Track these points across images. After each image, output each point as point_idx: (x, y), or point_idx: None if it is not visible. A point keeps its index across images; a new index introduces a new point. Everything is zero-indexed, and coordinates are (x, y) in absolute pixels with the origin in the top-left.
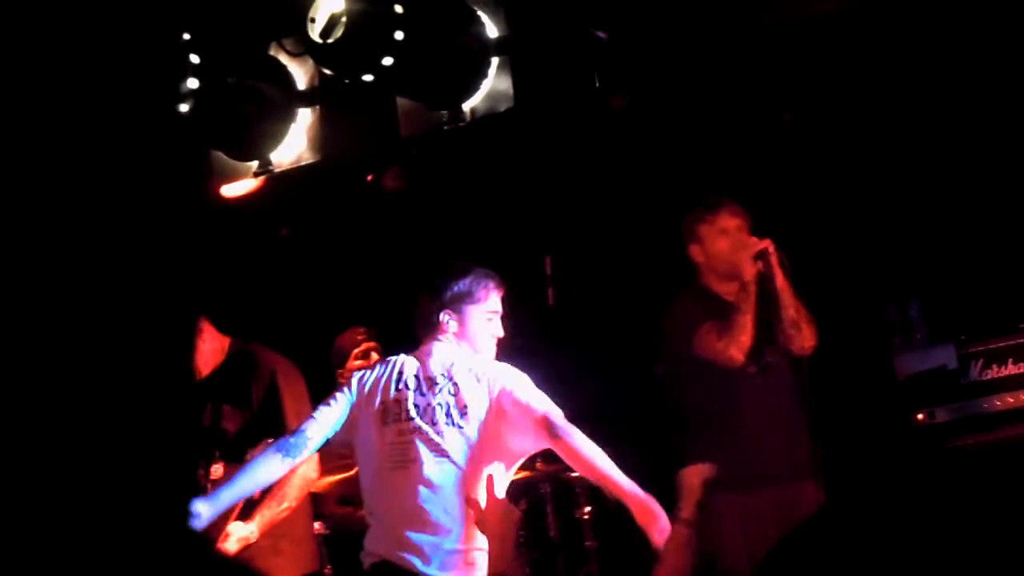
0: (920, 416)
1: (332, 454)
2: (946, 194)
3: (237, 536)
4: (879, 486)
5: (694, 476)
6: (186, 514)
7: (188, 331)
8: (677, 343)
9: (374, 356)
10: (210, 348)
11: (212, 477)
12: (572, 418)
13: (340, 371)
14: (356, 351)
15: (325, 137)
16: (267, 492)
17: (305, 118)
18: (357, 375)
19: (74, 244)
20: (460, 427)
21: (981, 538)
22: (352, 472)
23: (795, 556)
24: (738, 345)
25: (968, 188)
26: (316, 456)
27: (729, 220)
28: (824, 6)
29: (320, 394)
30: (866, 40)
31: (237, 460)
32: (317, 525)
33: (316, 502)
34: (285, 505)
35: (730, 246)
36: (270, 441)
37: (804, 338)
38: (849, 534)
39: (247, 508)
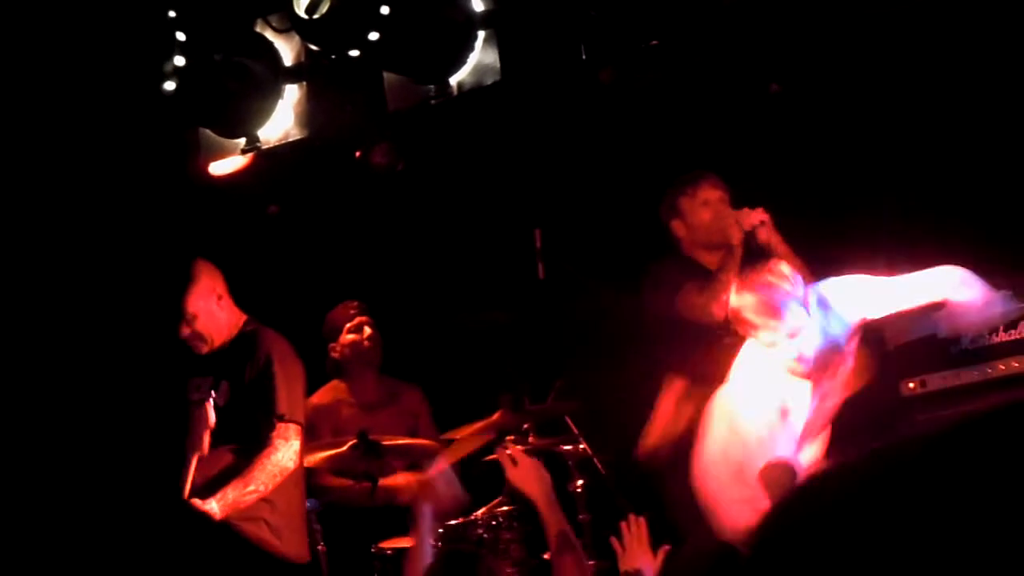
0: (911, 385)
1: (324, 433)
2: (935, 162)
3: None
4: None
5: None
6: (177, 483)
7: (176, 306)
8: (660, 306)
9: (367, 330)
10: (226, 320)
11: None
12: (565, 390)
13: (332, 344)
14: (349, 325)
15: (312, 113)
16: (237, 472)
17: (292, 94)
18: None
19: (62, 222)
20: None
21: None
22: (344, 448)
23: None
24: (718, 302)
25: (958, 154)
26: (296, 445)
27: (711, 192)
28: None
29: (312, 369)
30: (854, 9)
31: (222, 437)
32: (310, 503)
33: (310, 475)
34: (252, 488)
35: (712, 217)
36: (213, 395)
37: None
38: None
39: (214, 484)
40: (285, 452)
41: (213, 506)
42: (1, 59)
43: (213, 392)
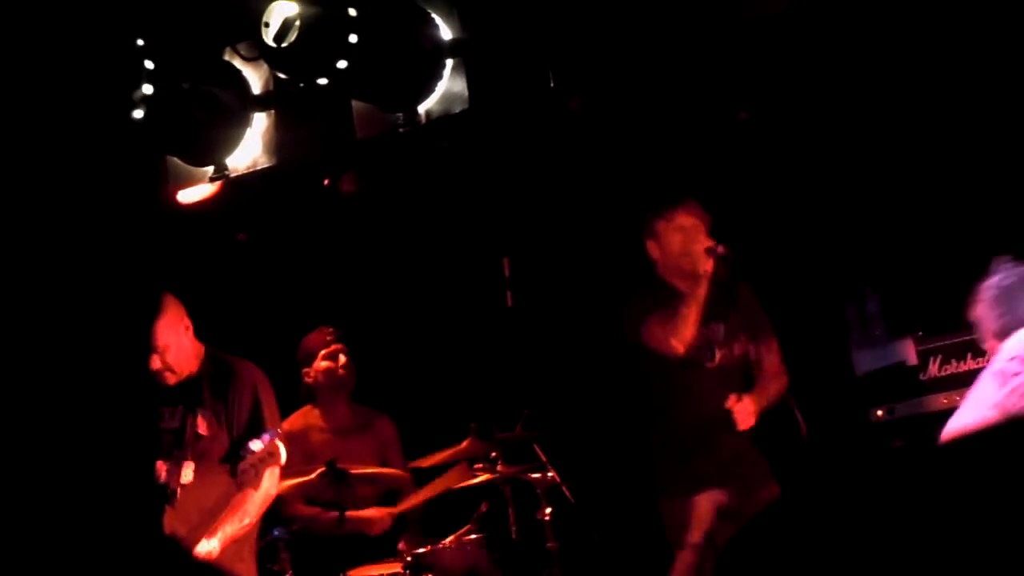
0: (880, 412)
1: (294, 460)
2: (904, 189)
3: (199, 552)
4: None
5: (706, 504)
6: (152, 515)
7: (144, 337)
8: (630, 334)
9: (342, 358)
10: (191, 350)
11: (182, 480)
12: (533, 418)
13: (306, 370)
14: (324, 352)
15: (281, 141)
16: (229, 508)
17: (260, 122)
18: None
19: (28, 250)
20: None
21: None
22: (314, 475)
23: (752, 550)
24: (679, 337)
25: (924, 182)
26: (277, 472)
27: (686, 218)
28: (779, 4)
29: (284, 396)
30: (821, 37)
31: (209, 465)
32: (277, 531)
33: (280, 503)
34: (247, 521)
35: (683, 242)
36: (278, 432)
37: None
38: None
39: (207, 522)
40: (271, 481)
41: (214, 545)
42: None
43: (192, 418)
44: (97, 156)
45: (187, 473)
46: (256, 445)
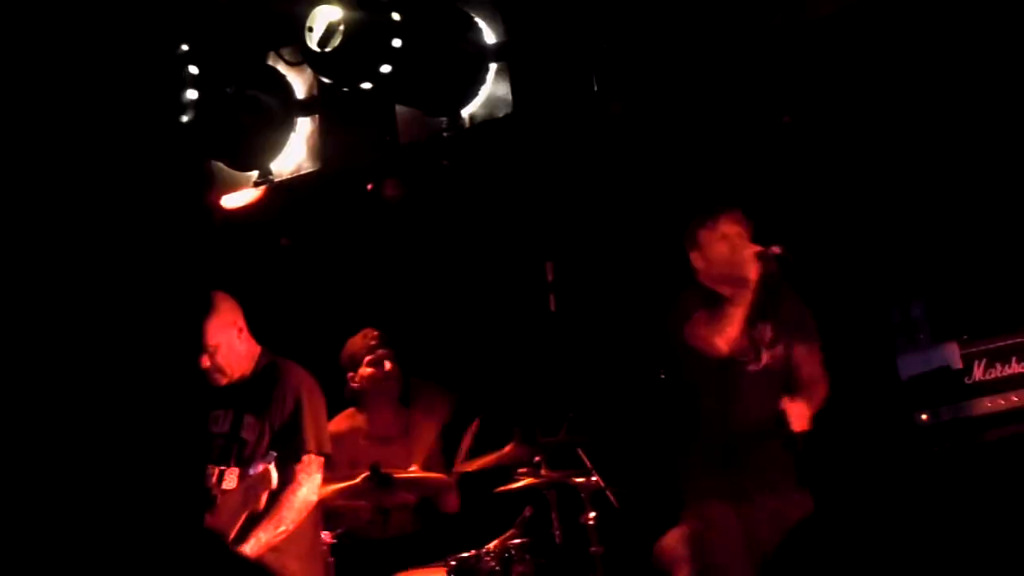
0: (924, 416)
1: (339, 464)
2: (947, 193)
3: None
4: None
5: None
6: (197, 517)
7: (195, 341)
8: (673, 333)
9: (387, 364)
10: (245, 351)
11: (224, 487)
12: (577, 422)
13: (351, 374)
14: (369, 357)
15: (324, 146)
16: (267, 511)
17: (304, 127)
18: None
19: (79, 257)
20: None
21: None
22: (357, 480)
23: (798, 558)
24: (723, 335)
25: (969, 186)
26: (317, 479)
27: (730, 226)
28: (822, 8)
29: (329, 396)
30: (865, 40)
31: (245, 470)
32: (325, 535)
33: (322, 506)
34: (283, 528)
35: (729, 251)
36: (275, 456)
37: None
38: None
39: (246, 526)
40: (309, 486)
41: (247, 551)
42: (12, 97)
43: (245, 426)
44: (142, 161)
45: (231, 479)
46: (255, 468)
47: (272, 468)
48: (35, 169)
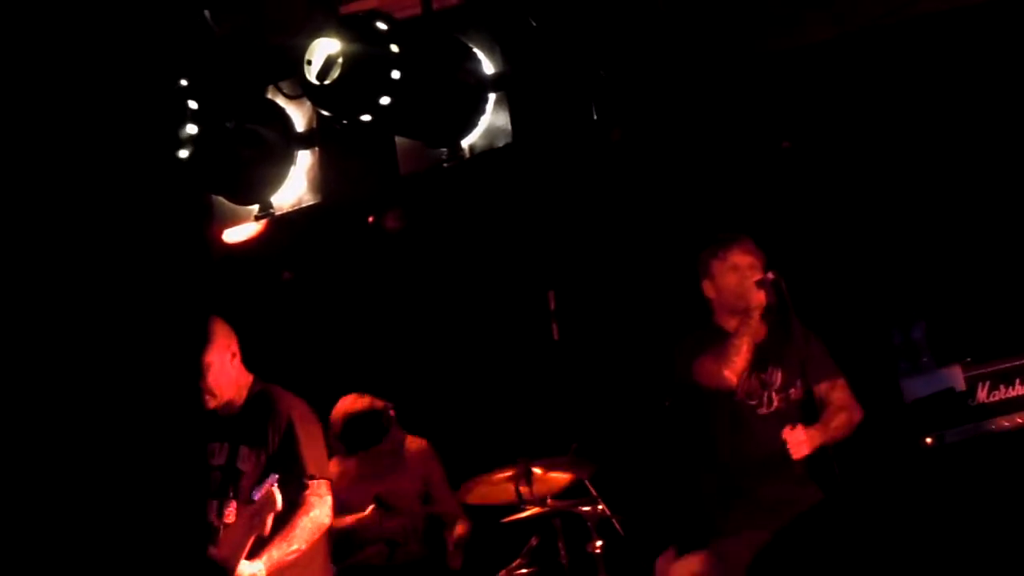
0: (929, 440)
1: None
2: (948, 215)
3: (245, 574)
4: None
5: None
6: (199, 549)
7: (193, 376)
8: (680, 373)
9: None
10: (235, 376)
11: (225, 520)
12: (581, 451)
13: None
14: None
15: (325, 178)
16: (277, 531)
17: (305, 160)
18: None
19: (76, 292)
20: None
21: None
22: (367, 512)
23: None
24: (731, 367)
25: (970, 209)
26: (329, 501)
27: (741, 257)
28: (818, 34)
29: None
30: (863, 65)
31: (248, 501)
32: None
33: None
34: (295, 547)
35: (738, 282)
36: (276, 477)
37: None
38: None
39: (255, 547)
40: (321, 509)
41: (260, 568)
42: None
43: (241, 457)
44: (142, 196)
45: (230, 512)
46: (257, 493)
47: (275, 490)
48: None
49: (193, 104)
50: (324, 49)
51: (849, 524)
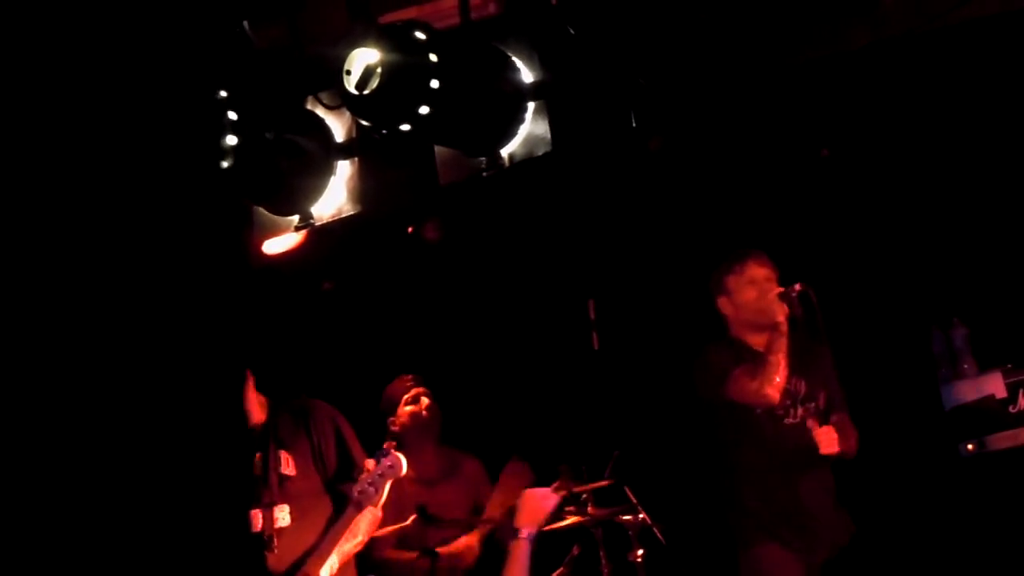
0: (970, 447)
1: (385, 510)
2: (987, 221)
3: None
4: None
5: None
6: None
7: (237, 385)
8: (709, 390)
9: (424, 400)
10: (252, 399)
11: (277, 525)
12: (623, 459)
13: (391, 418)
14: (406, 396)
15: (365, 188)
16: (345, 526)
17: (344, 170)
18: None
19: (127, 306)
20: None
21: None
22: (408, 522)
23: None
24: (772, 384)
25: (1009, 214)
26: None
27: (757, 270)
28: (857, 41)
29: (369, 443)
30: (901, 72)
31: (304, 504)
32: None
33: (373, 546)
34: (359, 539)
35: (758, 295)
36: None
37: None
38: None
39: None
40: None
41: (334, 561)
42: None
43: (272, 462)
44: (184, 208)
45: (283, 517)
46: (370, 463)
47: (400, 456)
48: (83, 214)
49: (233, 115)
50: (363, 59)
51: (887, 538)
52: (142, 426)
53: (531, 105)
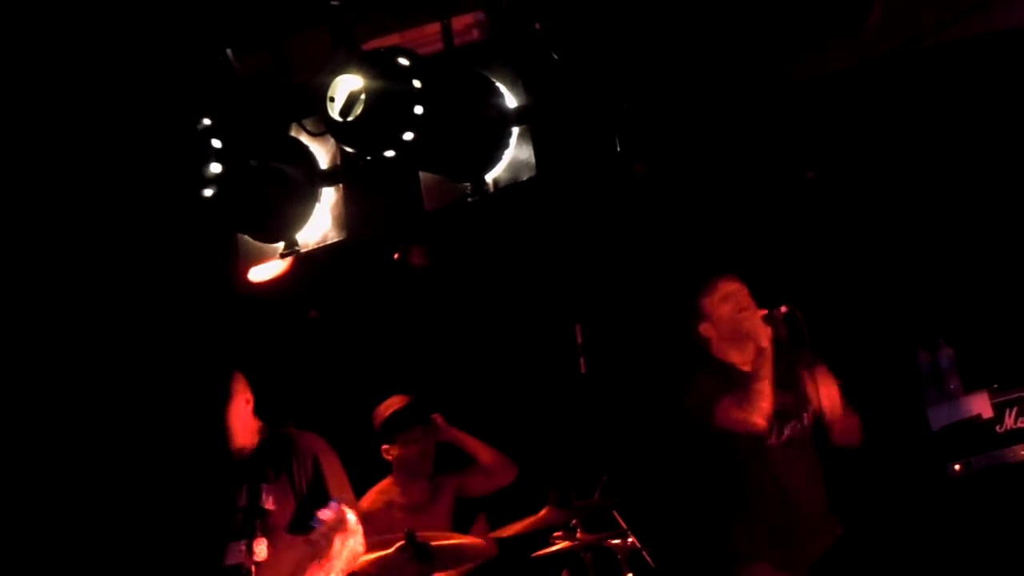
0: (957, 467)
1: (372, 531)
2: (972, 242)
3: None
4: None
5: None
6: None
7: (219, 413)
8: (699, 419)
9: (418, 446)
10: (247, 422)
11: (256, 558)
12: (611, 484)
13: (386, 447)
14: (403, 435)
15: (350, 215)
16: (317, 561)
17: (329, 197)
18: None
19: (112, 333)
20: None
21: None
22: (392, 550)
23: None
24: (759, 411)
25: (994, 237)
26: (360, 530)
27: (729, 285)
28: (841, 62)
29: (357, 469)
30: (885, 94)
31: (280, 537)
32: None
33: None
34: (333, 575)
35: (733, 307)
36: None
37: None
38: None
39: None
40: (355, 538)
41: None
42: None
43: (265, 496)
44: (168, 236)
45: (260, 550)
46: (324, 514)
47: (347, 511)
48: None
49: (217, 143)
50: (347, 86)
51: (875, 558)
52: (123, 453)
53: (515, 130)
